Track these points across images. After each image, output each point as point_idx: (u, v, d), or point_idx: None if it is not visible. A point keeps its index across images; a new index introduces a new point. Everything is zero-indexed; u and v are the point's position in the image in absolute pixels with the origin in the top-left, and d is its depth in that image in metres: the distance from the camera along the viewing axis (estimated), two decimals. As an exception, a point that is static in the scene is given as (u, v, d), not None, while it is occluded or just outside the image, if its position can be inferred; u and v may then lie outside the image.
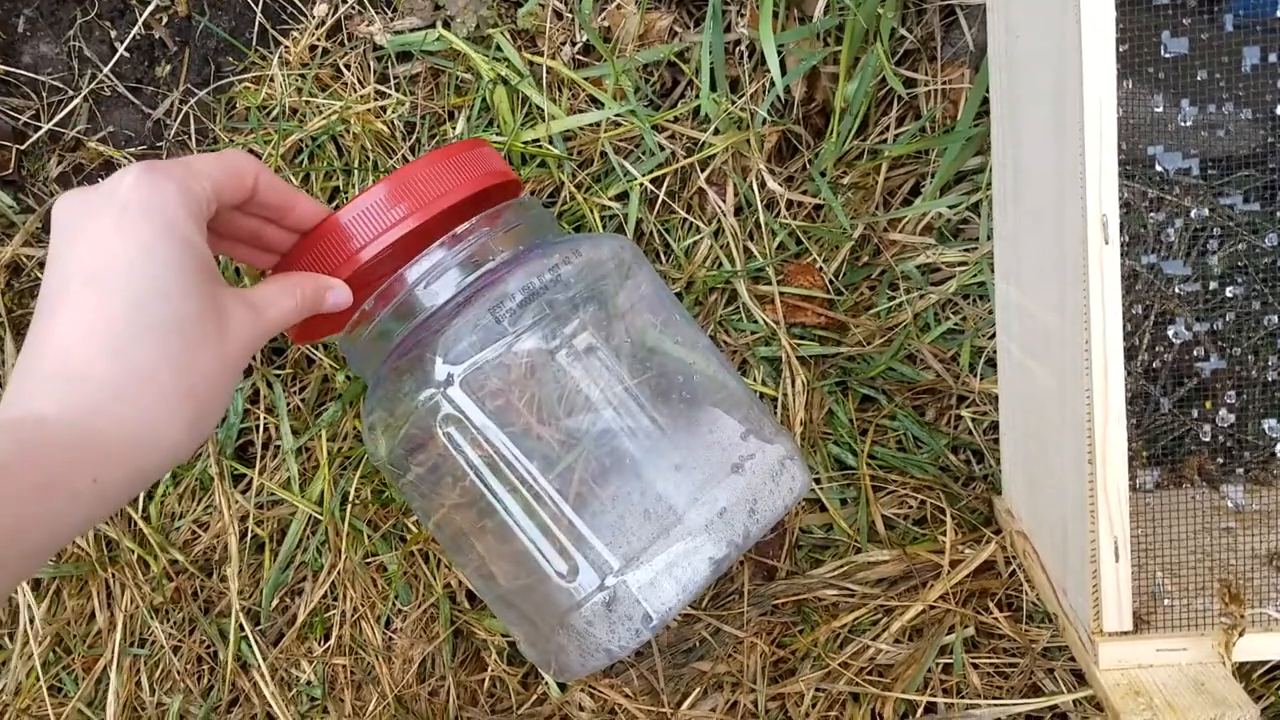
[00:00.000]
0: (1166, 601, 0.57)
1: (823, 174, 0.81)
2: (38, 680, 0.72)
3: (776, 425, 0.68)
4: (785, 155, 0.84)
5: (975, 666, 0.73)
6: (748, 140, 0.80)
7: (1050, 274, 0.59)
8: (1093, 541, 0.55)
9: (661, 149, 0.81)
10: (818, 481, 0.78)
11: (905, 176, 0.83)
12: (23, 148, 0.80)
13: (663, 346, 0.67)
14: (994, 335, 0.77)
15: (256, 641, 0.72)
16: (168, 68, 0.81)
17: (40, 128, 0.79)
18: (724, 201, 0.81)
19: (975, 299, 0.82)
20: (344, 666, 0.73)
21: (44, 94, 0.80)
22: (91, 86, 0.80)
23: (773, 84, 0.79)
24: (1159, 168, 0.52)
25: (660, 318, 0.68)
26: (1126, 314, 0.54)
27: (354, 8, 0.81)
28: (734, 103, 0.80)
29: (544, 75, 0.80)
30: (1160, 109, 0.51)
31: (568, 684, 0.74)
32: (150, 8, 0.80)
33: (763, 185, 0.81)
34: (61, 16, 0.81)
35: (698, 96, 0.81)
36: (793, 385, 0.79)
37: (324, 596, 0.74)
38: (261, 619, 0.73)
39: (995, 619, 0.74)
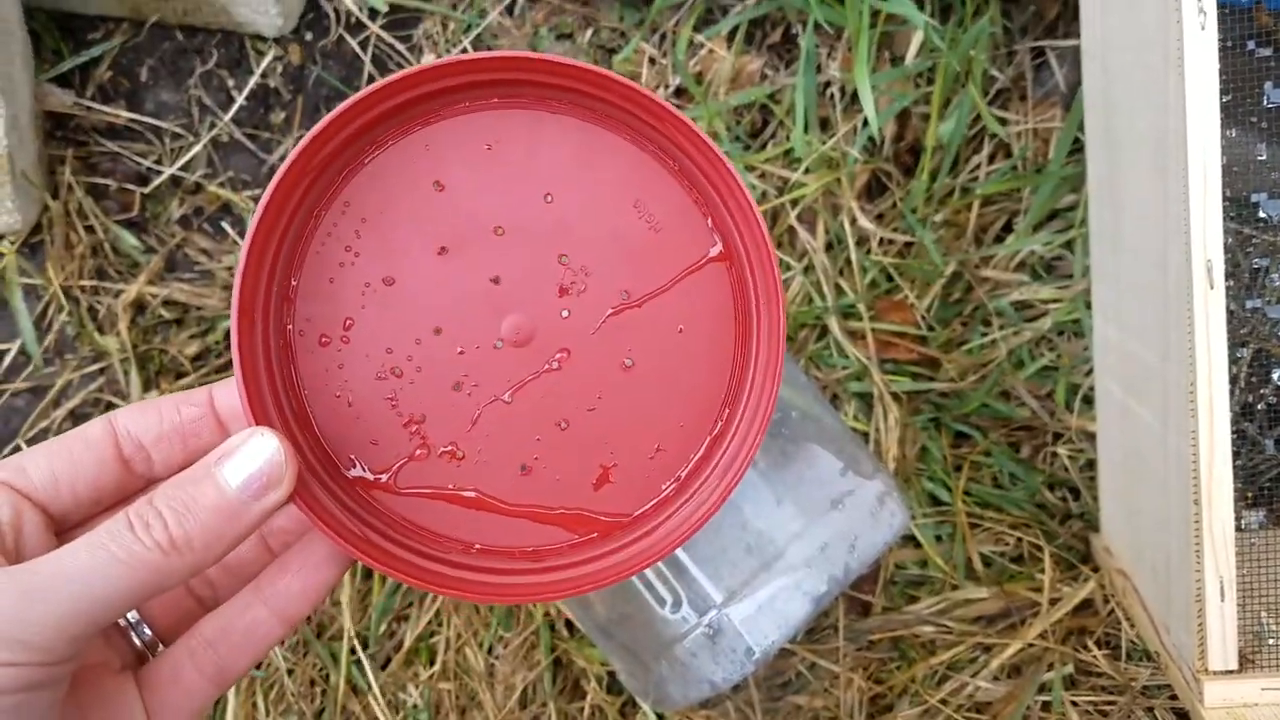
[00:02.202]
0: (1271, 641, 0.57)
1: (914, 211, 0.82)
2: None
3: (874, 461, 0.69)
4: (875, 193, 0.85)
5: (1074, 704, 0.73)
6: (839, 179, 0.82)
7: (1153, 314, 0.60)
8: (1198, 581, 0.55)
9: (754, 188, 0.83)
10: (912, 517, 0.79)
11: (997, 214, 0.84)
12: (146, 191, 0.84)
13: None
14: (1090, 372, 0.77)
15: (367, 665, 0.75)
16: (282, 115, 0.85)
17: (162, 172, 0.84)
18: (815, 239, 0.83)
19: (1070, 335, 0.82)
20: (449, 691, 0.75)
21: (166, 140, 0.85)
22: (211, 133, 0.84)
23: (865, 123, 0.81)
24: (1263, 214, 0.52)
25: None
26: (1232, 356, 0.54)
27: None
28: (825, 143, 0.82)
29: (641, 118, 0.83)
30: (1263, 157, 0.51)
31: (666, 714, 0.75)
32: (267, 58, 0.84)
33: (854, 222, 0.82)
34: (182, 66, 0.85)
35: (789, 137, 0.83)
36: (885, 421, 0.80)
37: (429, 623, 0.76)
38: (370, 643, 0.76)
39: (1094, 657, 0.74)
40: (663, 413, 0.39)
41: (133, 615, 0.38)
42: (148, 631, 0.38)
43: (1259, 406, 0.56)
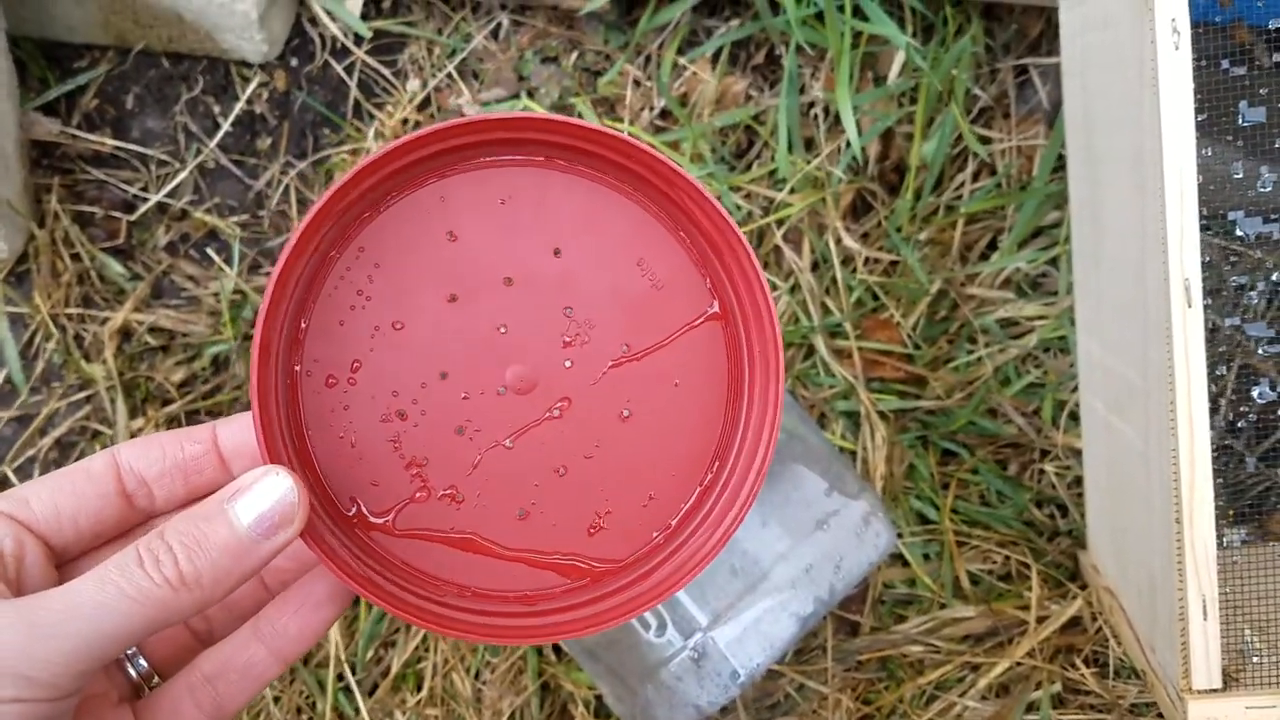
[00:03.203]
0: (1255, 659, 0.56)
1: (899, 230, 0.83)
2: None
3: (860, 481, 0.69)
4: (860, 212, 0.85)
5: (1063, 723, 0.73)
6: (824, 199, 0.82)
7: (1133, 332, 0.60)
8: (1181, 599, 0.55)
9: (738, 208, 0.83)
10: (900, 536, 0.79)
11: (982, 232, 0.84)
12: (133, 218, 0.84)
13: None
14: (1076, 389, 0.77)
15: (354, 691, 0.75)
16: (268, 140, 0.86)
17: (149, 199, 0.84)
18: (800, 258, 0.83)
19: (1056, 352, 0.82)
20: (436, 717, 0.75)
21: (152, 167, 0.85)
22: (197, 160, 0.85)
23: (848, 144, 0.81)
24: (1240, 232, 0.53)
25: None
26: (1212, 374, 0.54)
27: (444, 81, 0.84)
28: (809, 162, 0.82)
29: (625, 140, 0.83)
30: (1240, 175, 0.51)
31: (654, 737, 0.75)
32: (253, 84, 0.85)
33: (839, 242, 0.82)
34: (168, 93, 0.86)
35: (773, 158, 0.83)
36: (872, 439, 0.80)
37: (416, 648, 0.76)
38: (357, 669, 0.76)
39: (1082, 675, 0.74)
40: (656, 463, 0.40)
41: (141, 660, 0.38)
42: (144, 664, 0.38)
43: (1239, 425, 0.56)
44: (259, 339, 0.34)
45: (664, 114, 0.84)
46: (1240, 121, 0.51)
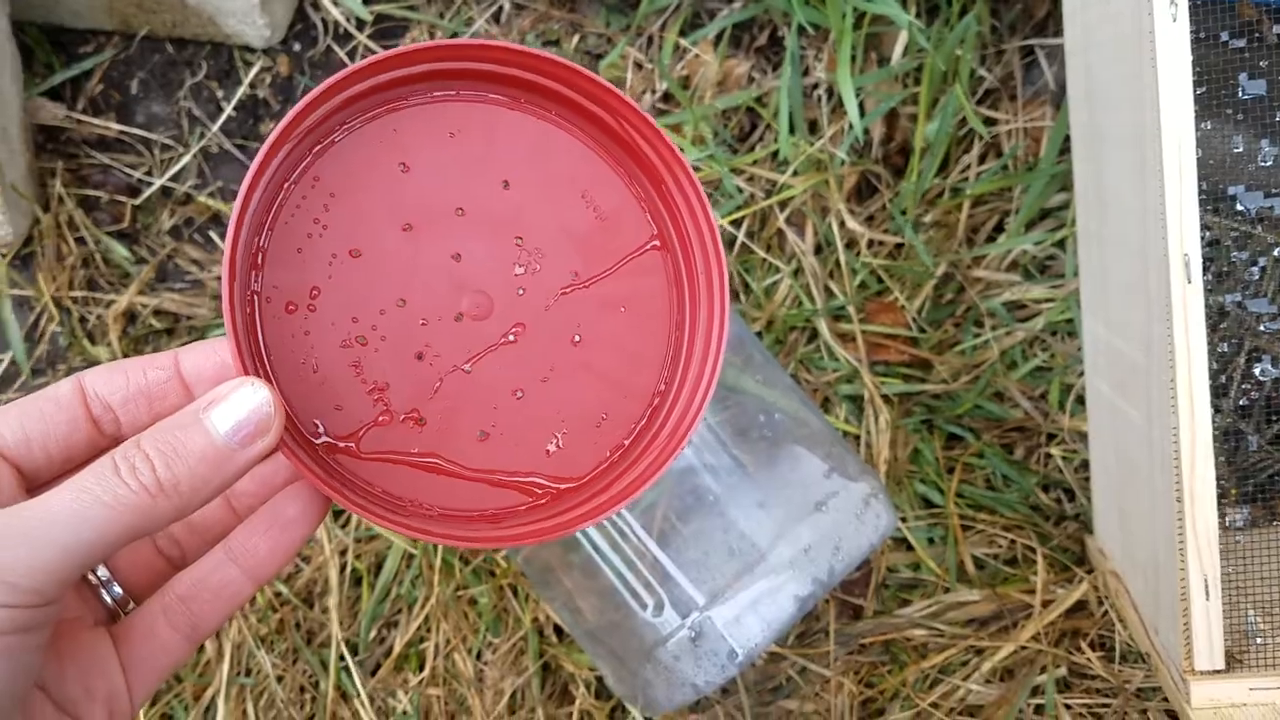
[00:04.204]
0: (1259, 640, 0.56)
1: (903, 213, 0.82)
2: (149, 708, 0.76)
3: (860, 463, 0.68)
4: (865, 195, 0.85)
5: (1068, 707, 0.72)
6: (827, 181, 0.81)
7: (1136, 310, 0.59)
8: (1183, 579, 0.54)
9: (740, 191, 0.82)
10: (904, 520, 0.79)
11: (988, 214, 0.83)
12: (137, 202, 0.85)
13: (743, 385, 0.69)
14: (1083, 373, 0.77)
15: (356, 671, 0.75)
16: (271, 125, 0.86)
17: (153, 183, 0.84)
18: (803, 241, 0.82)
19: (1063, 335, 0.81)
20: (438, 697, 0.75)
21: (156, 151, 0.85)
22: (201, 144, 0.85)
23: (851, 126, 0.80)
24: (1240, 207, 0.52)
25: (740, 356, 0.69)
26: (1214, 351, 0.53)
27: (446, 63, 0.84)
28: (812, 145, 0.82)
29: (628, 123, 0.83)
30: (1240, 149, 0.51)
31: (654, 719, 0.75)
32: (255, 69, 0.85)
33: (842, 225, 0.82)
34: (172, 78, 0.86)
35: (776, 140, 0.83)
36: (876, 423, 0.79)
37: (418, 628, 0.76)
38: (360, 649, 0.76)
39: (1088, 659, 0.73)
40: (608, 384, 0.42)
41: (104, 573, 0.39)
42: (119, 589, 0.39)
43: (1241, 402, 0.55)
44: (228, 261, 0.35)
45: (666, 97, 0.84)
46: (1240, 95, 0.50)
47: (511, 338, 0.41)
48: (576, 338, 0.42)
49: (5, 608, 0.30)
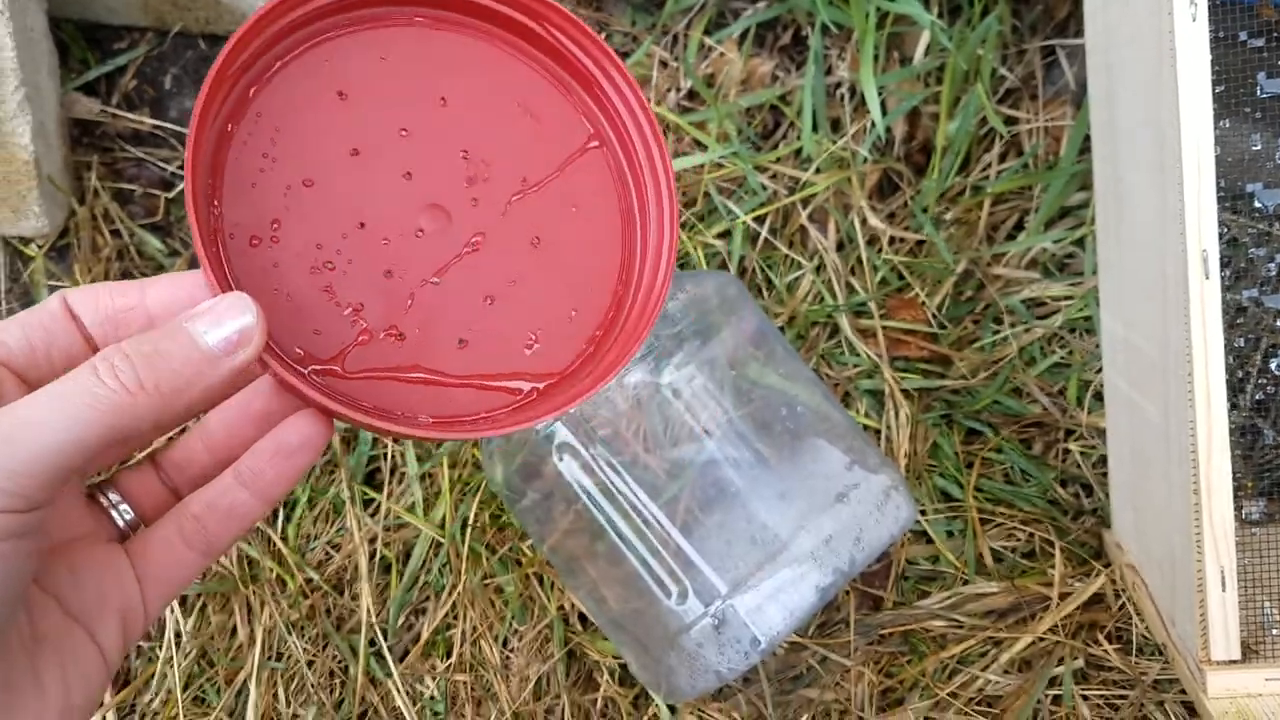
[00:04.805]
0: (1275, 631, 0.57)
1: (924, 210, 0.83)
2: (183, 691, 0.77)
3: (881, 456, 0.69)
4: (886, 192, 0.86)
5: (1085, 698, 0.73)
6: (849, 178, 0.82)
7: (1153, 308, 0.60)
8: (1199, 571, 0.55)
9: (764, 188, 0.83)
10: (923, 513, 0.80)
11: (1008, 212, 0.84)
12: (170, 195, 0.86)
13: (765, 379, 0.70)
14: (1101, 369, 0.77)
15: (385, 657, 0.77)
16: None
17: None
18: (826, 238, 0.83)
19: (1082, 333, 0.82)
20: (465, 683, 0.77)
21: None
22: (235, 139, 0.86)
23: (874, 124, 0.81)
24: (1258, 204, 0.53)
25: (763, 351, 0.70)
26: (1231, 347, 0.54)
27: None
28: (835, 143, 0.83)
29: (653, 120, 0.84)
30: (1259, 147, 0.51)
31: (677, 706, 0.76)
32: (288, 66, 0.86)
33: (864, 222, 0.83)
34: (204, 74, 0.88)
35: (799, 137, 0.84)
36: (896, 418, 0.80)
37: (446, 615, 0.77)
38: (388, 636, 0.77)
39: (1105, 651, 0.74)
40: (573, 281, 0.44)
41: (115, 496, 0.39)
42: (130, 512, 0.39)
43: (1258, 397, 0.56)
44: (189, 192, 0.35)
45: (691, 94, 0.85)
46: (1259, 93, 0.51)
47: (473, 247, 0.42)
48: (536, 239, 0.43)
49: None
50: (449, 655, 0.77)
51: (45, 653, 0.34)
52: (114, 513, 0.39)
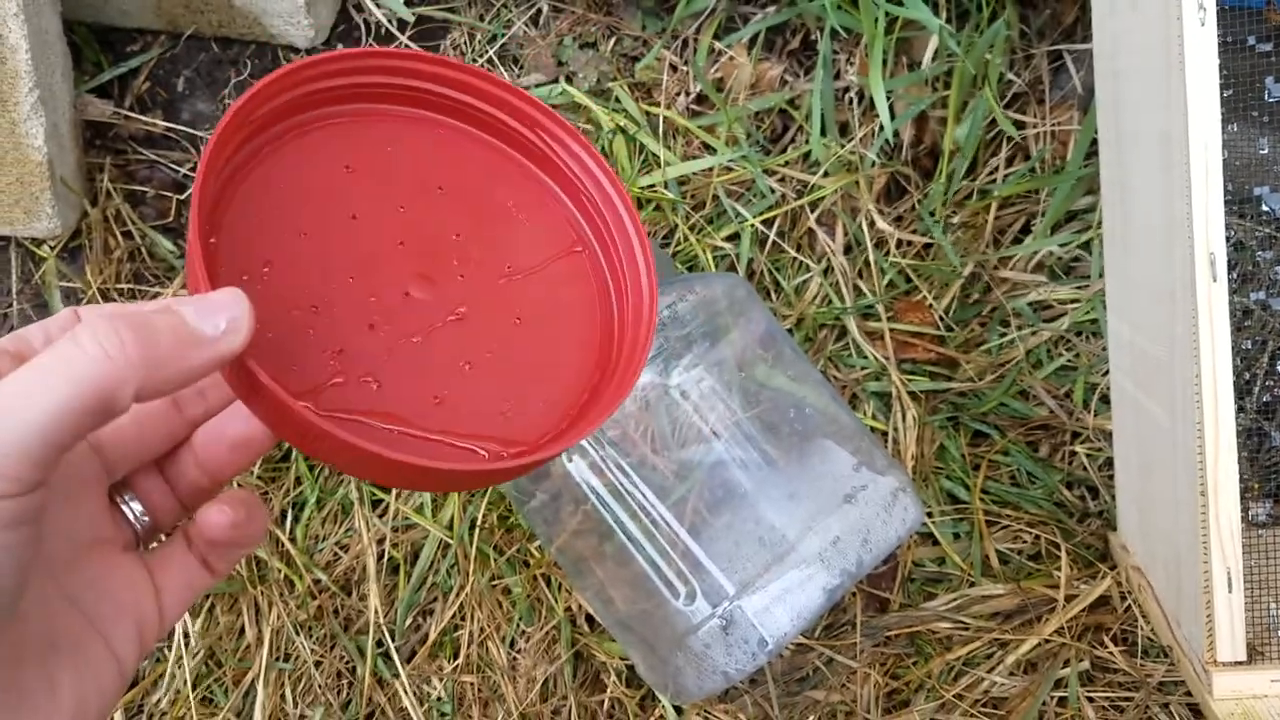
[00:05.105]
0: (1282, 634, 0.57)
1: (932, 214, 0.83)
2: (191, 691, 0.78)
3: (888, 458, 0.70)
4: (894, 196, 0.86)
5: (1090, 700, 0.74)
6: (857, 182, 0.83)
7: (1161, 310, 0.61)
8: (1205, 572, 0.56)
9: (772, 191, 0.84)
10: (930, 515, 0.80)
11: (1015, 215, 0.84)
12: (182, 198, 0.87)
13: (774, 381, 0.70)
14: (1108, 372, 0.78)
15: (393, 658, 0.77)
16: (314, 123, 0.88)
17: (199, 180, 0.87)
18: (833, 241, 0.84)
19: (1088, 336, 0.82)
20: (472, 684, 0.77)
21: (201, 148, 0.88)
22: (245, 142, 0.87)
23: (882, 128, 0.82)
24: (1265, 207, 0.53)
25: (771, 353, 0.71)
26: (1238, 350, 0.55)
27: (484, 66, 0.86)
28: (843, 146, 0.83)
29: (660, 124, 0.84)
30: (1266, 151, 0.52)
31: (684, 707, 0.76)
32: (299, 69, 0.87)
33: (872, 225, 0.83)
34: (217, 77, 0.88)
35: (808, 141, 0.84)
36: (904, 420, 0.81)
37: (453, 616, 0.78)
38: (396, 637, 0.78)
39: (1110, 653, 0.74)
40: (552, 361, 0.44)
41: (138, 507, 0.39)
42: (146, 518, 0.39)
43: (1264, 399, 0.57)
44: (195, 205, 0.36)
45: (700, 98, 0.86)
46: (1267, 98, 0.51)
47: (458, 316, 0.43)
48: (518, 319, 0.44)
49: None
50: (456, 656, 0.78)
51: (61, 660, 0.34)
52: (131, 516, 0.39)
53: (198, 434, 0.40)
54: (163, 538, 0.40)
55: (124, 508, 0.39)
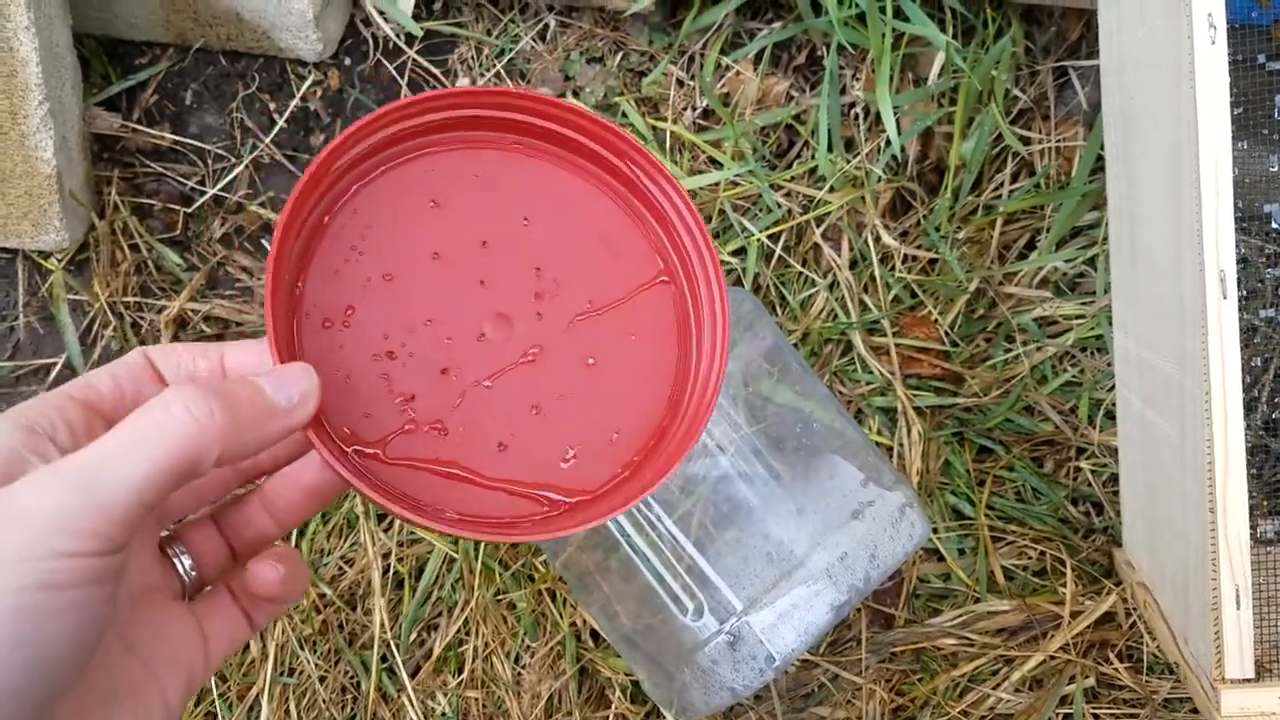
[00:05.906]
0: (1292, 651, 0.57)
1: (937, 229, 0.84)
2: (195, 706, 0.77)
3: (895, 473, 0.70)
4: (900, 211, 0.86)
5: (1096, 717, 0.73)
6: (863, 197, 0.83)
7: (1169, 326, 0.61)
8: (1214, 589, 0.55)
9: (778, 206, 0.84)
10: (935, 531, 0.80)
11: (1020, 231, 0.85)
12: (189, 211, 0.87)
13: (780, 395, 0.70)
14: (1113, 388, 0.78)
15: (398, 673, 0.77)
16: (321, 137, 0.88)
17: (205, 192, 0.87)
18: (839, 256, 0.84)
19: (1093, 351, 0.82)
20: (476, 699, 0.77)
21: (209, 161, 0.88)
22: (253, 155, 0.87)
23: (888, 143, 0.82)
24: (1275, 225, 0.53)
25: (778, 367, 0.71)
26: (1246, 367, 0.55)
27: (492, 81, 0.86)
28: (849, 161, 0.83)
29: (667, 139, 0.85)
30: (1275, 168, 0.52)
31: (689, 723, 0.76)
32: (307, 82, 0.87)
33: (878, 240, 0.83)
34: (225, 90, 0.88)
35: (814, 156, 0.84)
36: (909, 435, 0.81)
37: (458, 631, 0.78)
38: (401, 651, 0.78)
39: (1116, 670, 0.74)
40: (620, 405, 0.44)
41: (188, 560, 0.40)
42: (194, 570, 0.40)
43: (1272, 416, 0.57)
44: (270, 274, 0.38)
45: (706, 113, 0.86)
46: (1276, 116, 0.51)
47: (530, 358, 0.43)
48: (591, 360, 0.44)
49: (75, 556, 0.30)
50: (461, 671, 0.77)
51: (122, 709, 0.34)
52: (180, 569, 0.40)
53: (271, 480, 0.41)
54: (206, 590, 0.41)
55: (175, 560, 0.40)
